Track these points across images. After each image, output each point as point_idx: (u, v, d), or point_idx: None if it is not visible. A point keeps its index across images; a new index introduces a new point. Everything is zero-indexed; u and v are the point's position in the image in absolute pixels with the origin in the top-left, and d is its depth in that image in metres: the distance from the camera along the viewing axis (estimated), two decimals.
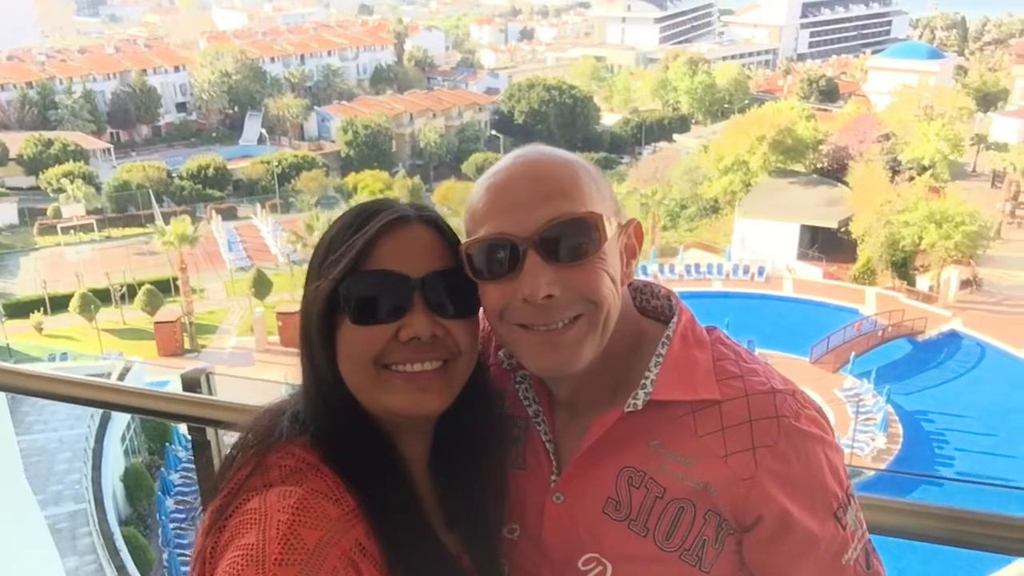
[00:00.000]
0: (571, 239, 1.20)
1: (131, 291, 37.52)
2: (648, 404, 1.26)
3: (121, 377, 26.12)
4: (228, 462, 1.26)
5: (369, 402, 1.24)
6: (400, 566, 1.17)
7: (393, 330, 1.21)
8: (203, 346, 35.14)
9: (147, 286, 36.73)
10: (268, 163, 57.72)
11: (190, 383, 1.87)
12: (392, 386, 1.22)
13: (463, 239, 1.29)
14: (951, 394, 29.85)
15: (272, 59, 79.83)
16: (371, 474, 1.21)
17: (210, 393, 1.88)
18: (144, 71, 73.69)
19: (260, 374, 31.74)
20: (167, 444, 24.56)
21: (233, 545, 1.09)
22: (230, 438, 1.88)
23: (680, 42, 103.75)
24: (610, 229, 1.24)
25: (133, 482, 22.37)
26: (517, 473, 1.37)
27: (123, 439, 23.31)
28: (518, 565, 1.37)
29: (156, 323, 34.67)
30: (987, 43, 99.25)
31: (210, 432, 1.87)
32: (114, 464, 21.91)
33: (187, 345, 34.89)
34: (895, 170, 44.65)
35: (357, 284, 1.21)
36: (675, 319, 1.33)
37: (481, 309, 1.31)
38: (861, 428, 26.37)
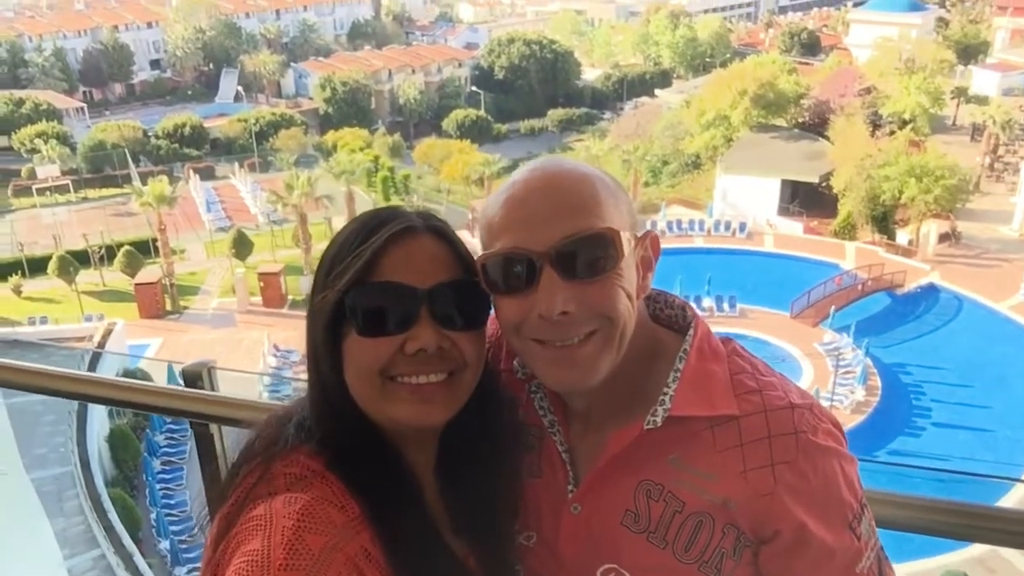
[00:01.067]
0: (588, 255, 1.20)
1: (110, 253, 37.12)
2: (667, 420, 1.26)
3: (104, 338, 26.01)
4: (235, 470, 1.26)
5: (374, 412, 1.24)
6: (406, 572, 1.18)
7: (399, 342, 1.20)
8: (185, 307, 34.96)
9: (126, 247, 36.36)
10: (245, 121, 56.89)
11: (191, 377, 1.86)
12: (397, 397, 1.22)
13: (470, 248, 1.28)
14: (929, 347, 30.29)
15: (247, 14, 78.16)
16: (376, 479, 1.21)
17: (212, 387, 1.86)
18: (116, 27, 72.03)
19: (243, 335, 31.68)
20: None
21: (239, 551, 1.10)
22: (229, 431, 1.89)
23: None
24: (627, 245, 1.23)
25: (119, 443, 22.39)
26: (532, 481, 1.37)
27: None
28: (534, 571, 1.38)
29: (136, 285, 34.41)
30: None
31: (213, 427, 1.86)
32: (99, 426, 21.91)
33: (168, 307, 34.69)
34: (876, 124, 44.66)
35: (364, 296, 1.20)
36: (691, 331, 1.33)
37: (489, 318, 1.30)
38: (841, 381, 26.79)
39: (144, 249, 37.64)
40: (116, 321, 28.60)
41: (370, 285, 1.20)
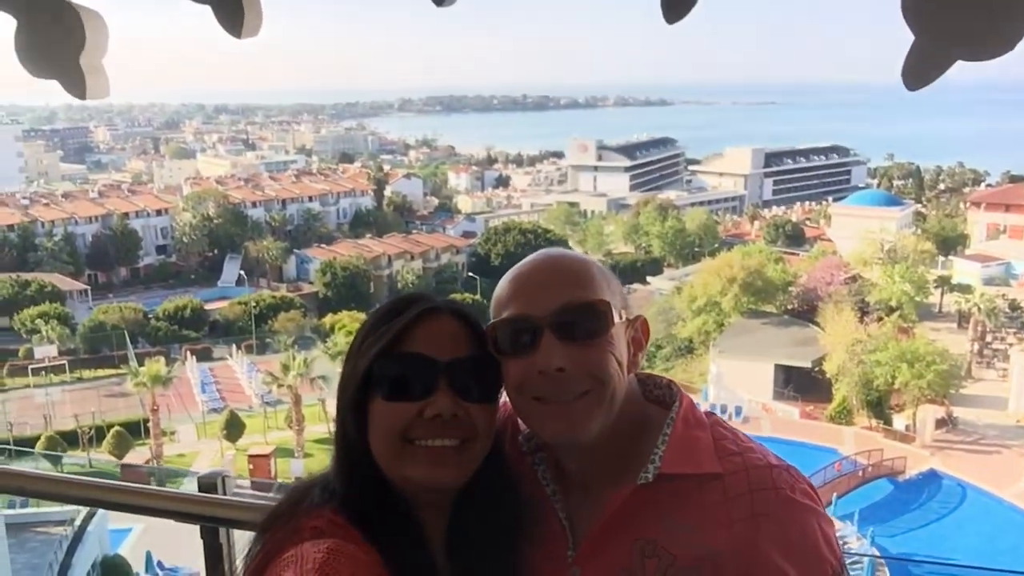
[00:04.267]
0: (582, 321, 1.37)
1: (100, 434, 36.71)
2: (657, 478, 1.38)
3: (85, 522, 25.14)
4: (263, 528, 1.35)
5: (393, 473, 1.35)
6: None
7: (419, 408, 1.33)
8: None
9: (116, 428, 36.00)
10: (245, 304, 57.95)
11: (206, 487, 1.91)
12: (414, 458, 1.33)
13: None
14: (936, 536, 29.40)
15: (254, 204, 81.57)
16: (394, 535, 1.30)
17: (226, 496, 1.90)
18: (126, 215, 74.91)
19: None
20: None
21: None
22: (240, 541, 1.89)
23: (650, 189, 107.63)
24: (617, 317, 1.40)
25: None
26: (536, 551, 1.44)
27: None
28: None
29: (122, 466, 33.79)
30: (942, 191, 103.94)
31: (223, 534, 1.88)
32: None
33: None
34: (864, 311, 45.70)
35: (390, 364, 1.35)
36: (676, 404, 1.47)
37: (501, 399, 1.43)
38: (849, 571, 25.76)
39: (135, 430, 37.25)
40: None
41: (396, 355, 1.35)
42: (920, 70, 1.18)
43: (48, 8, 1.57)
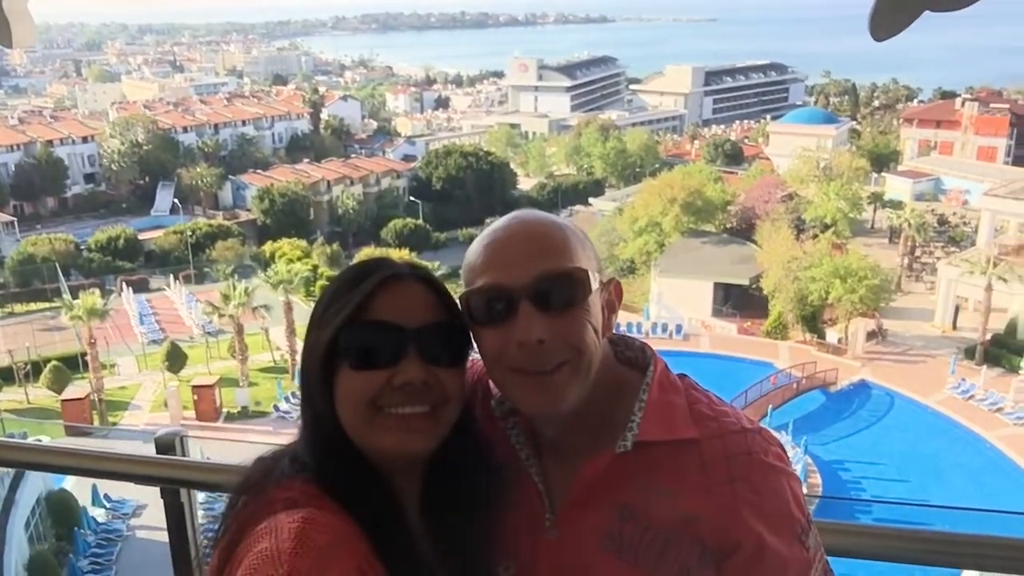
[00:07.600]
0: (560, 291, 1.34)
1: (36, 369, 35.86)
2: (635, 446, 1.38)
3: None
4: (233, 501, 1.32)
5: (362, 442, 1.32)
6: None
7: (388, 376, 1.30)
8: (114, 423, 33.68)
9: (53, 363, 35.18)
10: (181, 233, 56.54)
11: (164, 446, 1.87)
12: (384, 426, 1.30)
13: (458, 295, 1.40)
14: (865, 443, 30.85)
15: (185, 129, 78.72)
16: (369, 504, 1.28)
17: (184, 455, 1.88)
18: (50, 142, 71.76)
19: None
20: (76, 529, 23.31)
21: (248, 555, 1.16)
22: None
23: (591, 110, 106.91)
24: (594, 284, 1.37)
25: (39, 571, 21.08)
26: (509, 513, 1.44)
27: (27, 525, 22.01)
28: None
29: (63, 401, 33.16)
30: (876, 108, 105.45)
31: (183, 494, 1.86)
32: (18, 553, 20.64)
33: (96, 423, 33.40)
34: (800, 228, 46.71)
35: (356, 333, 1.31)
36: (651, 368, 1.46)
37: (469, 360, 1.41)
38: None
39: (73, 364, 36.43)
40: (40, 439, 27.37)
41: (363, 323, 1.31)
42: (888, 21, 1.17)
43: None
